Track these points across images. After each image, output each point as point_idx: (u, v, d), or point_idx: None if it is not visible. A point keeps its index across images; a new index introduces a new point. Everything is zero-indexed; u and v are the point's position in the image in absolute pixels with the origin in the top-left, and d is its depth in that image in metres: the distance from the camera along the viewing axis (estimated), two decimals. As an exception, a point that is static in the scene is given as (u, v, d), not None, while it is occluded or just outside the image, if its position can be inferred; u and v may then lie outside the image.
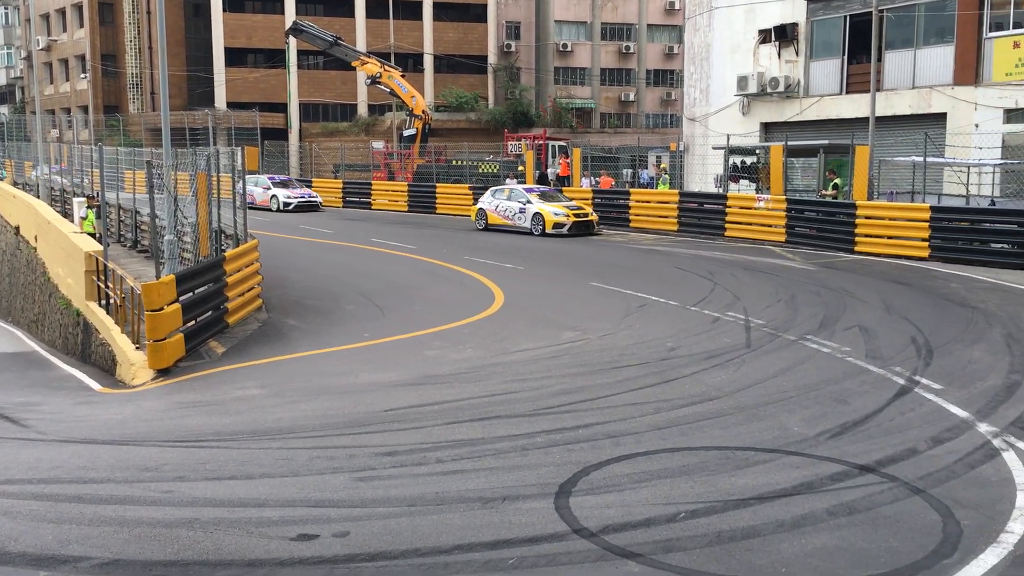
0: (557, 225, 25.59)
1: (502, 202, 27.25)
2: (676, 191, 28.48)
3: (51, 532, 6.23)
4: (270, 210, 34.77)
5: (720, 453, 7.64)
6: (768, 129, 31.74)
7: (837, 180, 23.78)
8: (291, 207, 35.12)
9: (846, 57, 29.51)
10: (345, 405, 9.72)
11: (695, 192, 28.36)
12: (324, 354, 12.87)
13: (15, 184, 33.89)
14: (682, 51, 42.96)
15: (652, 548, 5.70)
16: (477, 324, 14.25)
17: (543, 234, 25.72)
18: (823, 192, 24.09)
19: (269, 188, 35.80)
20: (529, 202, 26.39)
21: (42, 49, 61.57)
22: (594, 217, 26.60)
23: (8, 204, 30.44)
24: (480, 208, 28.11)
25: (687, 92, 35.57)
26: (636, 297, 15.75)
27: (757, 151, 28.06)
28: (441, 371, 11.23)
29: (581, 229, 25.78)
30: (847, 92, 29.43)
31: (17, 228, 27.99)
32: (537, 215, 25.91)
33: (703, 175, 31.70)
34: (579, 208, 26.53)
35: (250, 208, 35.28)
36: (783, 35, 30.62)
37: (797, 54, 30.66)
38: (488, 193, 28.43)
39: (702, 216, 26.09)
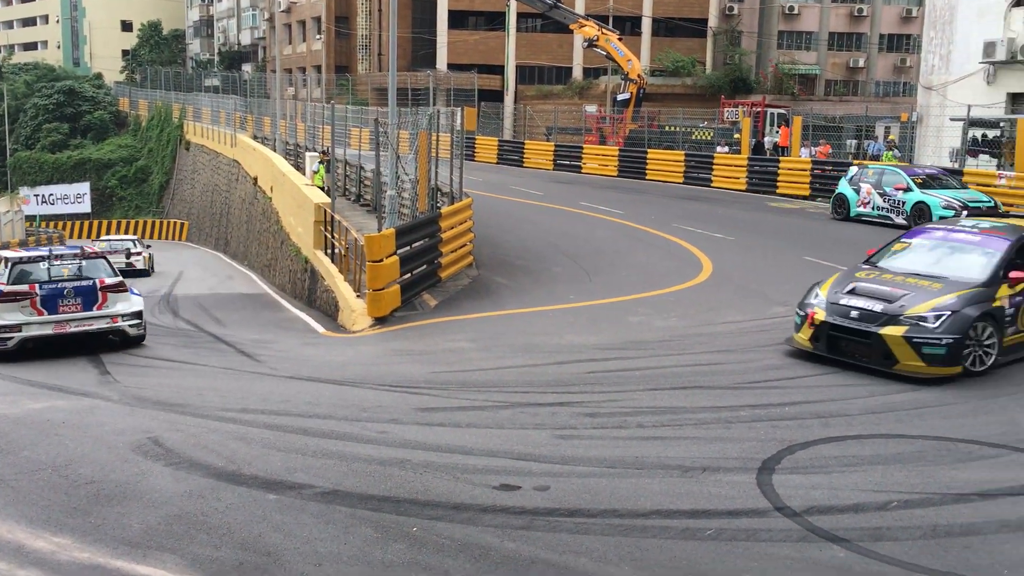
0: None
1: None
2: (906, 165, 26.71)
3: (279, 460, 6.78)
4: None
5: (939, 444, 7.20)
6: (1016, 100, 29.04)
7: None
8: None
9: (1115, 21, 26.43)
10: (549, 364, 9.91)
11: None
12: (530, 313, 13.16)
13: (254, 138, 36.50)
14: (921, 14, 40.03)
15: (859, 535, 5.47)
16: (682, 293, 14.08)
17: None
18: None
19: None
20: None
21: (283, 11, 65.67)
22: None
23: (248, 156, 32.96)
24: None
25: (925, 58, 33.10)
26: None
27: (1002, 124, 25.78)
28: (644, 337, 11.20)
29: None
30: (1114, 60, 26.40)
31: (255, 179, 30.28)
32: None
33: (937, 148, 29.51)
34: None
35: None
36: (1041, -4, 27.81)
37: (1056, 17, 27.77)
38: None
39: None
